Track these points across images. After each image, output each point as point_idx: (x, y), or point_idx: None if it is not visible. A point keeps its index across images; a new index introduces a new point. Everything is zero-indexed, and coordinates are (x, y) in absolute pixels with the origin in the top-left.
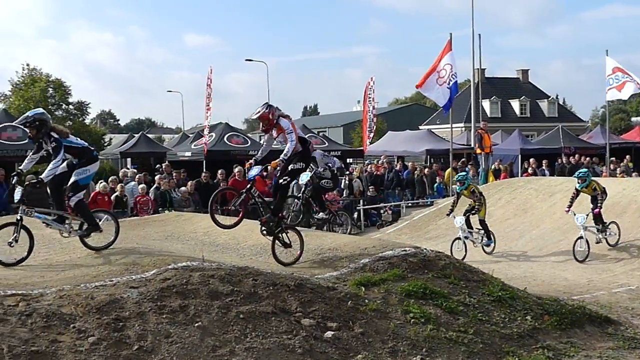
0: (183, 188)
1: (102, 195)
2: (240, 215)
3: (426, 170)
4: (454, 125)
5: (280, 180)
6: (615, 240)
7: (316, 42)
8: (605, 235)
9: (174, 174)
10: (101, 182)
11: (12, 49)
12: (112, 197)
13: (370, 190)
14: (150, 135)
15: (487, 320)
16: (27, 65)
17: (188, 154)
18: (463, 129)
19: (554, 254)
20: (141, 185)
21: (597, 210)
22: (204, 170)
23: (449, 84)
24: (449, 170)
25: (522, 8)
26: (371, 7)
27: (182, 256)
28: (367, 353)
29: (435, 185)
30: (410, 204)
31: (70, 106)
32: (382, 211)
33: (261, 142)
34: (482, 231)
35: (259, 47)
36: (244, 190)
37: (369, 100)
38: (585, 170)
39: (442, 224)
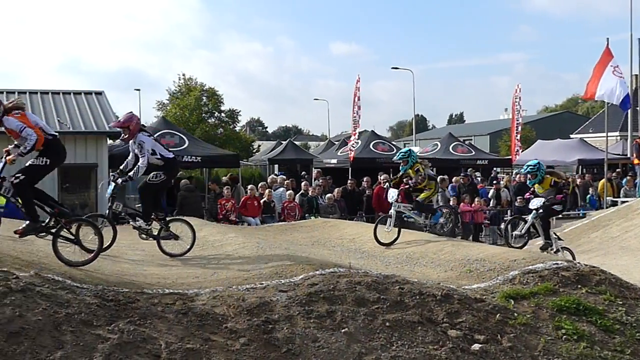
0: (329, 195)
1: (251, 200)
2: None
3: (578, 180)
4: (608, 134)
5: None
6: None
7: (462, 49)
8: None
9: (321, 181)
10: (250, 187)
11: (169, 60)
12: (261, 202)
13: (518, 200)
14: (297, 143)
15: None
16: (183, 75)
17: (334, 161)
18: (618, 138)
19: None
20: (289, 192)
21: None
22: (350, 177)
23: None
24: (602, 181)
25: None
26: (521, 13)
27: (329, 262)
28: None
29: (588, 196)
30: (560, 216)
31: (222, 114)
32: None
33: (401, 148)
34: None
35: (404, 55)
36: None
37: (516, 109)
38: (535, 162)
39: (595, 237)
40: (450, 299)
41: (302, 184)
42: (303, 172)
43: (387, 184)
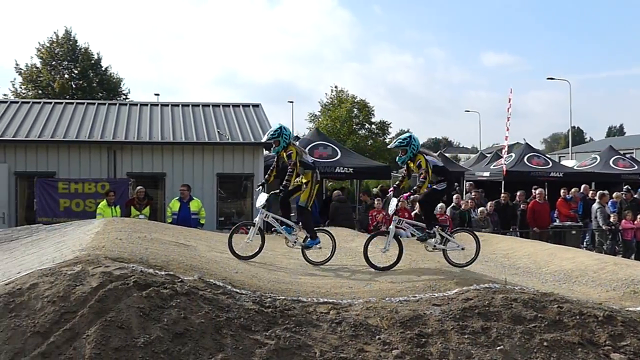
0: (481, 208)
1: (402, 212)
2: None
3: None
4: None
5: None
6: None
7: (624, 57)
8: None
9: (473, 194)
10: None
11: (320, 72)
12: (412, 214)
13: None
14: (447, 155)
15: None
16: (335, 87)
17: (486, 174)
18: None
19: None
20: (440, 204)
21: (405, 195)
22: (503, 190)
23: None
24: None
25: None
26: None
27: (483, 277)
28: None
29: None
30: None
31: (373, 125)
32: None
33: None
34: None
35: (561, 65)
36: None
37: None
38: (407, 134)
39: None
40: (613, 321)
41: (454, 196)
42: (455, 184)
43: (543, 198)
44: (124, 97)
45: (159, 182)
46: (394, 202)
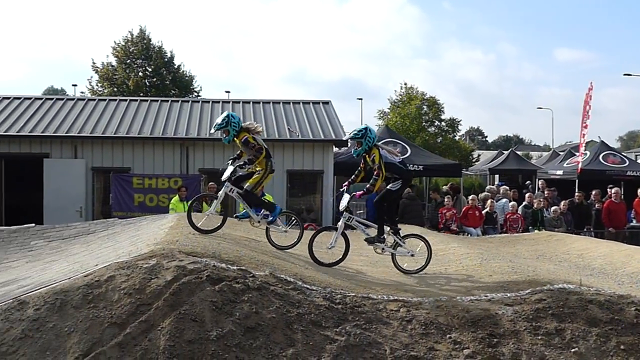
0: (554, 207)
1: (472, 210)
2: None
3: None
4: None
5: None
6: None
7: None
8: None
9: (546, 193)
10: (472, 197)
11: (389, 69)
12: (483, 213)
13: None
14: (518, 152)
15: None
16: (405, 84)
17: (559, 172)
18: None
19: None
20: (512, 203)
21: (359, 193)
22: (577, 189)
23: None
24: None
25: None
26: None
27: (556, 278)
28: None
29: None
30: None
31: (443, 123)
32: None
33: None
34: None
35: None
36: None
37: None
38: (363, 126)
39: None
40: None
41: (526, 195)
42: (528, 182)
43: (619, 198)
44: (196, 94)
45: None
46: (346, 198)
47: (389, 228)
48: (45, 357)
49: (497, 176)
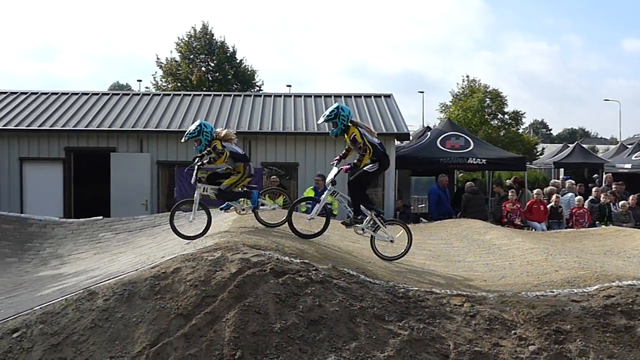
0: (623, 202)
1: (537, 204)
2: None
3: None
4: None
5: None
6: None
7: None
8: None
9: (614, 187)
10: (536, 191)
11: (450, 62)
12: (547, 207)
13: None
14: (584, 145)
15: None
16: (467, 76)
17: (628, 166)
18: None
19: None
20: (578, 197)
21: (346, 167)
22: None
23: None
24: None
25: None
26: None
27: (625, 274)
28: None
29: None
30: None
31: (506, 116)
32: None
33: None
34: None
35: None
36: None
37: None
38: (335, 106)
39: None
40: None
41: (593, 189)
42: (595, 175)
43: None
44: (258, 88)
45: (292, 171)
46: (333, 171)
47: (371, 209)
48: (114, 346)
49: (562, 170)
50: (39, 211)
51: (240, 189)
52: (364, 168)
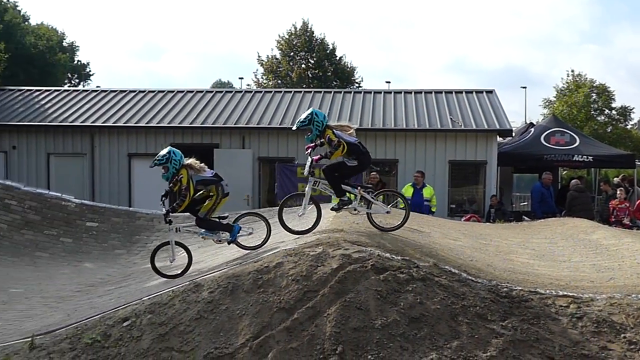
0: None
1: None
2: None
3: None
4: None
5: None
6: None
7: None
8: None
9: None
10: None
11: (554, 56)
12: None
13: None
14: None
15: None
16: (572, 71)
17: None
18: None
19: None
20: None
21: (316, 157)
22: None
23: None
24: None
25: None
26: None
27: None
28: None
29: None
30: None
31: (613, 111)
32: None
33: None
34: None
35: None
36: None
37: None
38: (309, 112)
39: None
40: None
41: None
42: None
43: None
44: (357, 85)
45: (392, 168)
46: (307, 162)
47: (355, 186)
48: (219, 337)
49: None
50: (147, 205)
51: (217, 219)
52: (345, 160)
